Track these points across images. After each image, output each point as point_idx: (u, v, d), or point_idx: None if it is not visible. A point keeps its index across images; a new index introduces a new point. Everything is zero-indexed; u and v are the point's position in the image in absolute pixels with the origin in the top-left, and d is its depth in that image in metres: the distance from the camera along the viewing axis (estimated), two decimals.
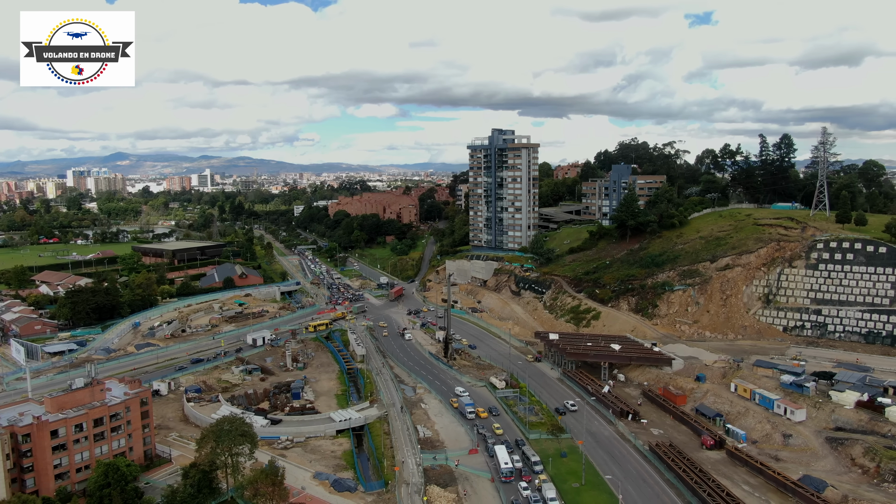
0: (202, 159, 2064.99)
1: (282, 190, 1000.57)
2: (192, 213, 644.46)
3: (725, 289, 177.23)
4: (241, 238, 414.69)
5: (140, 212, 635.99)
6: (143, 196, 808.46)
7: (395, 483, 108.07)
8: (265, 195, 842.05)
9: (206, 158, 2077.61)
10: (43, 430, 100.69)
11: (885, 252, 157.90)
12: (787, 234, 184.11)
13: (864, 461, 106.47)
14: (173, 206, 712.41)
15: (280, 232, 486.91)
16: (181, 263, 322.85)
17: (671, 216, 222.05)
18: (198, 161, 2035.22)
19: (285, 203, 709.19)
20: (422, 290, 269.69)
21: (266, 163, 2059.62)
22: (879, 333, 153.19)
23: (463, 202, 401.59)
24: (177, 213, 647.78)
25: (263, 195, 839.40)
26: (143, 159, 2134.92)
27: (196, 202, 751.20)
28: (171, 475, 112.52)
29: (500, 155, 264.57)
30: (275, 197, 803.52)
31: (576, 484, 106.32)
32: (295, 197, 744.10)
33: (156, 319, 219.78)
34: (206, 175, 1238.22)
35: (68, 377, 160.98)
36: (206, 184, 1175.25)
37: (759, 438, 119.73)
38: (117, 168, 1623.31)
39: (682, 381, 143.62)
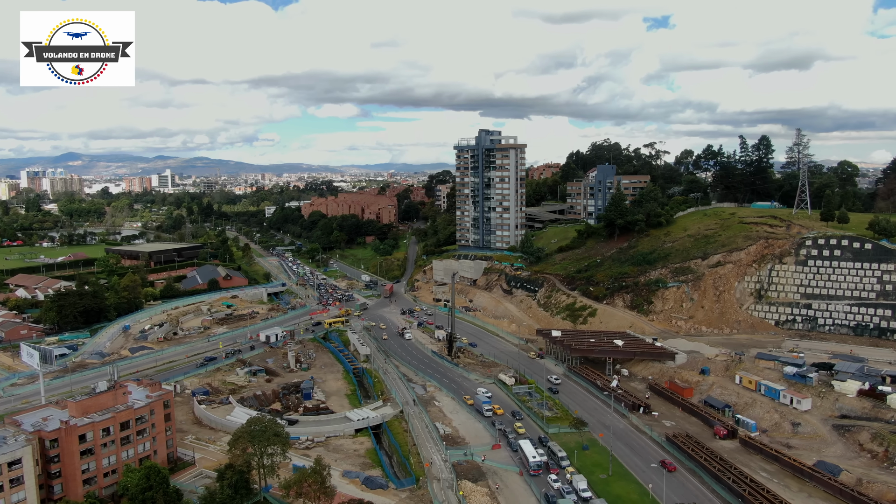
0: (158, 159, 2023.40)
1: (246, 190, 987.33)
2: (159, 215, 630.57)
3: (718, 285, 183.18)
4: (215, 239, 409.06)
5: (103, 213, 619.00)
6: (102, 197, 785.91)
7: (426, 479, 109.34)
8: (231, 196, 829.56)
9: (162, 159, 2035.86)
10: (71, 435, 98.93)
11: (870, 248, 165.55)
12: (773, 232, 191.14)
13: (872, 446, 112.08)
14: (137, 207, 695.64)
15: (254, 233, 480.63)
16: (157, 265, 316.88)
17: (658, 215, 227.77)
18: (154, 161, 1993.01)
19: (254, 204, 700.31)
20: (410, 289, 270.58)
21: (225, 163, 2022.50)
22: (867, 326, 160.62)
23: (443, 202, 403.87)
24: (143, 214, 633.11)
25: (229, 196, 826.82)
26: (97, 159, 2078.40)
27: (160, 203, 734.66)
28: (197, 477, 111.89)
29: (487, 155, 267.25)
30: (241, 198, 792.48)
31: (603, 475, 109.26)
32: (263, 198, 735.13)
33: (145, 322, 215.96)
34: (167, 176, 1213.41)
35: (67, 382, 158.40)
36: (166, 184, 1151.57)
37: (769, 427, 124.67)
38: (69, 168, 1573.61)
39: (687, 374, 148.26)
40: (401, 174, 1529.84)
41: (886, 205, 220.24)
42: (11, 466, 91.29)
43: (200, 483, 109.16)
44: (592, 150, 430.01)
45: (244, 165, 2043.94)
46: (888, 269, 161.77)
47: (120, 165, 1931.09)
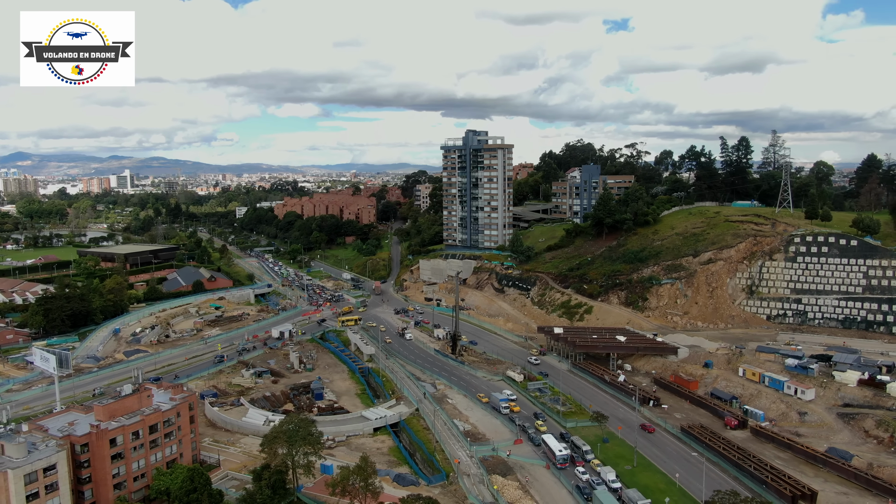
0: (112, 159, 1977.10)
1: (210, 191, 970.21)
2: (124, 216, 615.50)
3: (711, 281, 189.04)
4: (188, 241, 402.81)
5: (65, 214, 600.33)
6: (61, 198, 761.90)
7: (456, 475, 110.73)
8: (195, 196, 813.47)
9: (116, 159, 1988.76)
10: (102, 439, 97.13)
11: (856, 245, 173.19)
12: (761, 230, 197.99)
13: (877, 432, 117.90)
14: (99, 208, 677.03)
15: (227, 234, 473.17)
16: (134, 268, 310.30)
17: (645, 214, 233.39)
18: (107, 161, 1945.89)
19: (221, 204, 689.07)
20: (399, 289, 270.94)
21: (182, 163, 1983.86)
22: (855, 319, 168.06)
23: (423, 202, 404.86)
24: (107, 215, 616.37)
25: (194, 196, 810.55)
26: (47, 159, 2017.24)
27: (124, 204, 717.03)
28: (223, 479, 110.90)
29: (474, 155, 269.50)
30: (207, 198, 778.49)
31: (628, 466, 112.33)
32: (230, 198, 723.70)
33: (135, 325, 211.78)
34: (126, 176, 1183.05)
35: (68, 387, 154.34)
36: (125, 185, 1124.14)
37: (776, 417, 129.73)
38: (19, 169, 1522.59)
39: (690, 367, 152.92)
40: (364, 174, 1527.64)
41: (866, 201, 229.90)
42: (46, 472, 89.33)
43: (229, 485, 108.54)
44: (566, 151, 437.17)
45: (202, 165, 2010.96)
46: (873, 264, 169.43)
47: (72, 165, 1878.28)
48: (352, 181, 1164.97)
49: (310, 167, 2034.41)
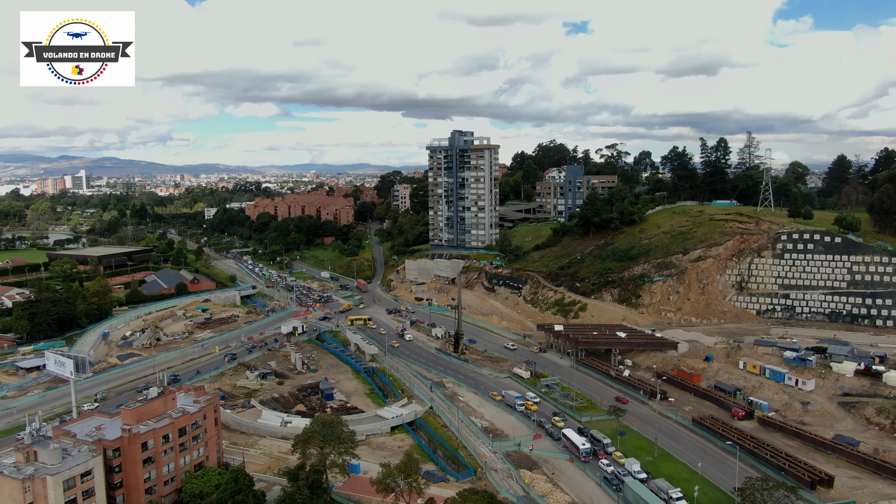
0: (62, 160, 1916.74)
1: (171, 192, 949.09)
2: (86, 218, 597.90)
3: (701, 278, 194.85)
4: (159, 243, 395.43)
5: (23, 216, 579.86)
6: (14, 199, 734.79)
7: (483, 470, 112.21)
8: (157, 197, 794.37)
9: (66, 159, 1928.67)
10: (134, 443, 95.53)
11: (840, 242, 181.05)
12: (746, 228, 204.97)
13: (879, 419, 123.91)
14: (58, 209, 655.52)
15: (199, 236, 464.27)
16: (108, 270, 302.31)
17: (631, 213, 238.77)
18: (57, 161, 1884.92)
19: (187, 205, 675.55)
20: (387, 290, 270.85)
21: (136, 163, 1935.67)
22: (840, 313, 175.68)
23: (401, 202, 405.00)
24: (69, 217, 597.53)
25: (155, 197, 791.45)
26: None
27: (83, 206, 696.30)
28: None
29: (461, 156, 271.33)
30: (169, 199, 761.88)
31: (649, 458, 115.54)
32: (195, 199, 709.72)
33: (124, 329, 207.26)
34: (81, 177, 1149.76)
35: (62, 393, 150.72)
36: (80, 186, 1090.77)
37: (780, 407, 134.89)
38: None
39: (691, 361, 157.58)
40: (325, 175, 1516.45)
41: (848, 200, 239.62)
42: (83, 478, 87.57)
43: (257, 486, 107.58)
44: (539, 151, 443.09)
45: (157, 166, 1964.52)
46: (857, 260, 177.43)
47: (20, 166, 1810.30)
48: (314, 181, 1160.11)
49: (269, 167, 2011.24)
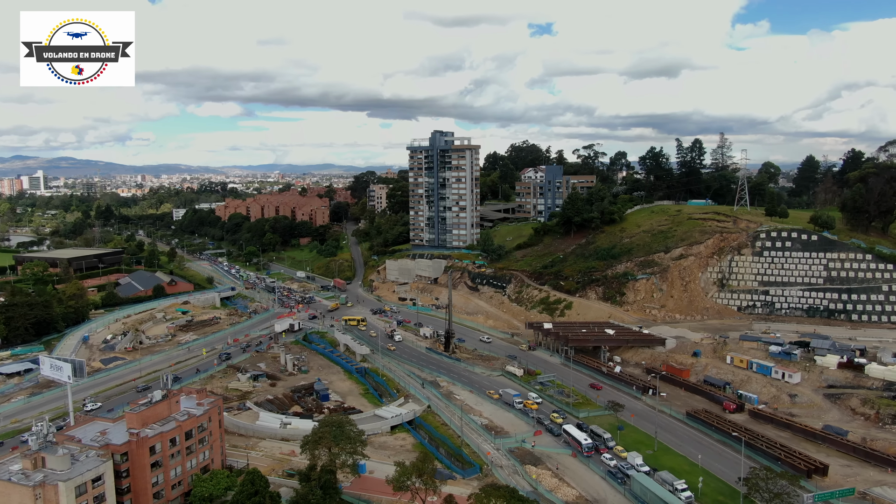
0: (16, 159, 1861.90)
1: (132, 192, 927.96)
2: (48, 219, 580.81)
3: (684, 276, 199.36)
4: (128, 244, 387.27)
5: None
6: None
7: (489, 467, 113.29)
8: (119, 198, 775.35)
9: (20, 159, 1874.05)
10: (143, 447, 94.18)
11: (816, 240, 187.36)
12: (725, 227, 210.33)
13: (864, 410, 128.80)
14: (18, 210, 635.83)
15: (169, 237, 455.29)
16: (79, 273, 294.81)
17: (611, 213, 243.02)
18: (10, 161, 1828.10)
19: (153, 206, 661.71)
20: (369, 290, 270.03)
21: (94, 163, 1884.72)
22: (818, 308, 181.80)
23: (377, 203, 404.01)
24: (30, 218, 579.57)
25: (118, 198, 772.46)
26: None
27: (43, 207, 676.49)
28: None
29: (442, 156, 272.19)
30: (133, 200, 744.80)
31: (649, 451, 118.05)
32: (162, 199, 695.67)
33: (104, 332, 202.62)
34: (39, 177, 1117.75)
35: (44, 399, 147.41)
36: (38, 186, 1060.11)
37: (769, 400, 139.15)
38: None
39: (680, 357, 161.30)
40: (290, 175, 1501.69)
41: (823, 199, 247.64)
42: (94, 483, 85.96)
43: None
44: (512, 152, 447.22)
45: (116, 166, 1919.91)
46: (832, 257, 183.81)
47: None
48: (280, 182, 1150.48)
49: (231, 168, 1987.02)
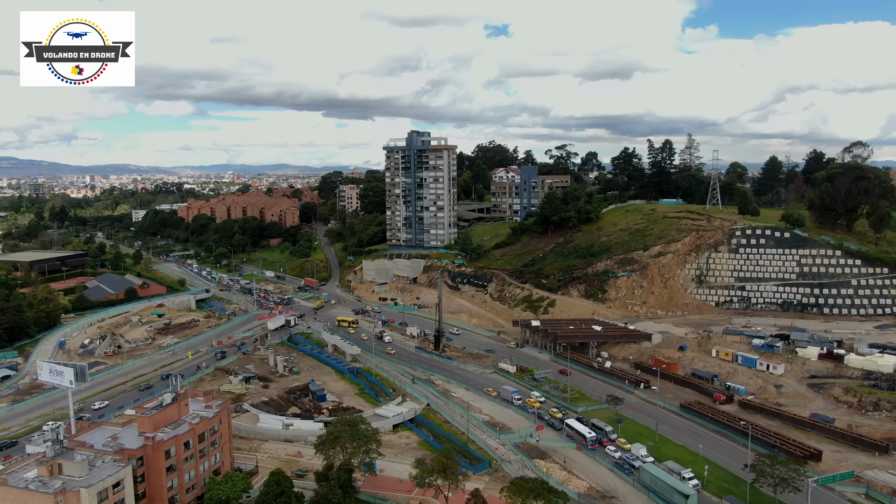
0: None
1: (83, 193, 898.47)
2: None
3: (663, 273, 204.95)
4: (89, 247, 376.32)
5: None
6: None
7: (498, 462, 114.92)
8: (70, 199, 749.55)
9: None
10: (158, 451, 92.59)
11: (788, 237, 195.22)
12: (699, 225, 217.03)
13: (846, 398, 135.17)
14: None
15: (131, 239, 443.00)
16: (42, 276, 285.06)
17: (588, 212, 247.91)
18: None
19: (109, 207, 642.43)
20: (346, 290, 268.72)
21: (37, 163, 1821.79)
22: (791, 302, 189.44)
23: (348, 203, 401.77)
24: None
25: (68, 199, 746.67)
26: None
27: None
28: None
29: (419, 156, 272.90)
30: (85, 201, 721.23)
31: (650, 443, 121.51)
32: (118, 201, 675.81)
33: (79, 337, 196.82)
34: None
35: (28, 406, 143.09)
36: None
37: (756, 391, 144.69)
38: None
39: (667, 351, 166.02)
40: (245, 175, 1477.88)
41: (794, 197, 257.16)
42: (115, 489, 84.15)
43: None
44: (478, 152, 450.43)
45: (61, 166, 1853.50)
46: (804, 253, 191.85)
47: None
48: (236, 182, 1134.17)
49: (183, 168, 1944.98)
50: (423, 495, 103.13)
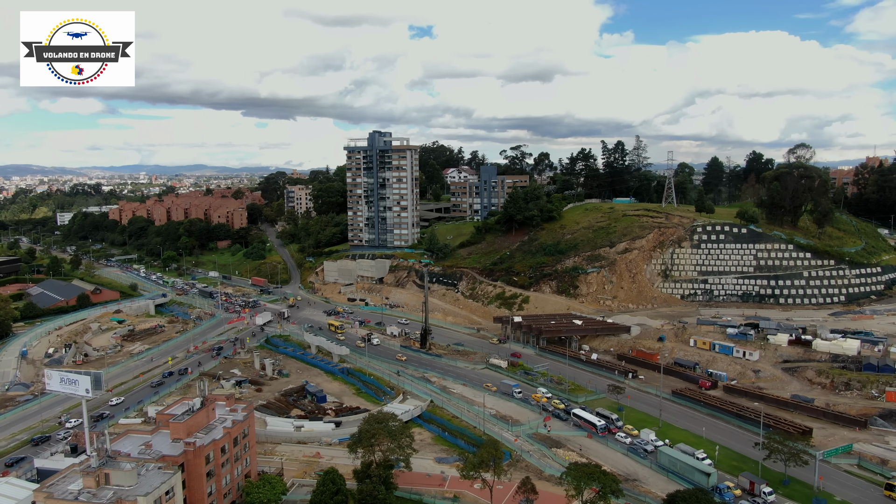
0: None
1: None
2: None
3: (630, 268, 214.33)
4: (17, 252, 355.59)
5: None
6: None
7: (518, 453, 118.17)
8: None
9: None
10: (199, 457, 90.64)
11: (745, 233, 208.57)
12: (660, 222, 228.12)
13: (820, 380, 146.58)
14: None
15: (62, 243, 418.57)
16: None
17: (550, 210, 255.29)
18: None
19: (25, 210, 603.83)
20: (310, 292, 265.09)
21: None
22: (751, 294, 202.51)
23: (297, 204, 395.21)
24: None
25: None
26: None
27: None
28: (295, 487, 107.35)
29: (381, 156, 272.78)
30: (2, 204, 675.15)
31: (655, 428, 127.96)
32: (35, 203, 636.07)
33: (40, 346, 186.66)
34: None
35: (7, 420, 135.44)
36: None
37: (736, 377, 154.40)
38: None
39: (647, 342, 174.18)
40: (163, 176, 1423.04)
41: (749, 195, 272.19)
42: (167, 497, 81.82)
43: (303, 491, 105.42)
44: (421, 152, 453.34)
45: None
46: (761, 248, 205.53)
47: None
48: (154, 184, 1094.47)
49: (91, 168, 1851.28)
50: (457, 488, 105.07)
